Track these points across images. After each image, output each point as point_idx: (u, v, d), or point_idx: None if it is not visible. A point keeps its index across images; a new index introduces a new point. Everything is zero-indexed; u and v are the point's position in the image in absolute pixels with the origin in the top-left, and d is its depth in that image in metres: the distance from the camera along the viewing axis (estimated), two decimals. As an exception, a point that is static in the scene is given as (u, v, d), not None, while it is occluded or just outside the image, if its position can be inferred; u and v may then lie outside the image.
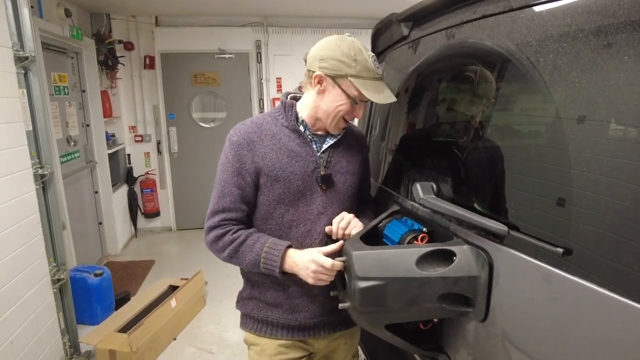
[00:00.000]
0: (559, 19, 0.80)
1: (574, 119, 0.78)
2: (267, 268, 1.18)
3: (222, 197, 1.21)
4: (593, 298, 0.71)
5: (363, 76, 1.14)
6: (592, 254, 0.73)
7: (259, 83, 5.11)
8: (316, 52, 1.18)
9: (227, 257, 1.22)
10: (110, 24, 4.57)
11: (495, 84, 1.02)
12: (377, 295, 1.00)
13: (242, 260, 1.20)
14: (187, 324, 3.12)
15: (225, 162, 1.22)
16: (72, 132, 3.81)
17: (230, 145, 1.22)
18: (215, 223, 1.22)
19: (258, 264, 1.18)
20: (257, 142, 1.21)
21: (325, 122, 1.23)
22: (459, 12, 1.11)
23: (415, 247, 1.05)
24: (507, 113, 1.01)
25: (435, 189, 1.15)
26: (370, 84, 1.15)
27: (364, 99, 1.17)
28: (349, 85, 1.15)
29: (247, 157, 1.20)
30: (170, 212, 5.25)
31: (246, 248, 1.19)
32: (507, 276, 0.90)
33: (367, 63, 1.15)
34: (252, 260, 1.19)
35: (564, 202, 0.80)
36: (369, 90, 1.14)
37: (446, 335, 1.14)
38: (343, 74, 1.14)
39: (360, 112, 1.21)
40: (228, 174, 1.21)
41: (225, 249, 1.21)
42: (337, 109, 1.19)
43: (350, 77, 1.14)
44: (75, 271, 3.04)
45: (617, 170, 0.70)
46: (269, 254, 1.17)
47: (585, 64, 0.75)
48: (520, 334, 0.88)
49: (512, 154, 0.97)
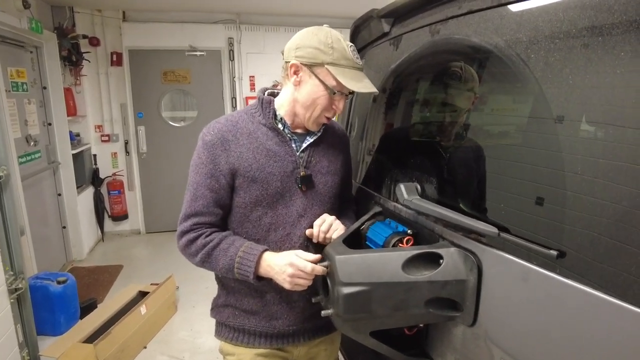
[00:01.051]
0: (552, 14, 0.78)
1: (570, 119, 0.76)
2: (241, 273, 1.11)
3: (195, 201, 1.15)
4: (587, 300, 0.69)
5: (341, 64, 1.08)
6: (585, 257, 0.71)
7: (231, 81, 4.99)
8: (292, 42, 1.13)
9: (200, 261, 1.15)
10: (73, 17, 4.35)
11: (483, 82, 0.99)
12: (361, 302, 0.95)
13: (215, 265, 1.14)
14: (158, 332, 3.00)
15: (198, 163, 1.16)
16: (32, 131, 3.59)
17: (204, 146, 1.15)
18: (188, 227, 1.15)
19: (232, 269, 1.12)
20: (232, 142, 1.14)
21: (303, 118, 1.16)
22: (444, 7, 1.08)
23: (400, 250, 1.01)
24: (497, 111, 0.99)
25: (419, 190, 1.11)
26: (349, 72, 1.09)
27: (342, 89, 1.10)
28: (326, 74, 1.09)
29: (221, 157, 1.13)
30: (139, 214, 5.06)
31: (219, 252, 1.13)
32: (497, 279, 0.88)
33: (345, 51, 1.09)
34: (225, 265, 1.12)
35: (559, 205, 0.78)
36: (347, 78, 1.08)
37: (432, 340, 1.11)
38: (319, 61, 1.08)
39: (340, 105, 1.14)
40: (201, 175, 1.15)
41: (197, 254, 1.14)
42: (315, 101, 1.12)
43: (327, 65, 1.08)
44: (36, 279, 2.86)
45: (610, 172, 0.68)
46: (243, 259, 1.11)
47: (580, 61, 0.72)
48: (510, 339, 0.86)
49: (500, 154, 0.95)
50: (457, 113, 1.11)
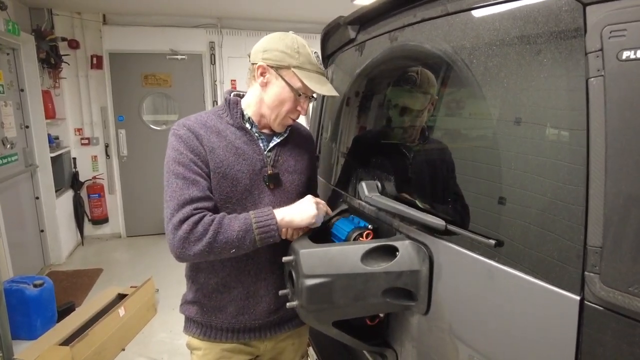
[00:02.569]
0: (490, 24, 0.85)
1: (506, 119, 0.83)
2: (261, 226, 1.08)
3: (187, 188, 1.10)
4: (521, 285, 0.75)
5: (306, 68, 1.15)
6: (519, 245, 0.78)
7: (212, 85, 5.02)
8: (260, 45, 1.19)
9: (211, 238, 1.06)
10: (52, 19, 4.33)
11: (435, 86, 1.06)
12: (324, 292, 1.00)
13: (230, 233, 1.07)
14: (137, 334, 2.99)
15: (176, 155, 1.13)
16: (9, 133, 3.56)
17: (178, 139, 1.14)
18: (188, 212, 1.07)
19: (250, 228, 1.08)
20: (204, 137, 1.16)
21: (270, 118, 1.21)
22: (401, 15, 1.14)
23: (360, 243, 1.07)
24: (446, 114, 1.06)
25: (380, 187, 1.17)
26: (314, 76, 1.16)
27: (307, 91, 1.16)
28: (292, 76, 1.15)
29: (199, 148, 1.14)
30: (119, 218, 5.03)
31: (230, 220, 1.09)
32: (446, 269, 0.94)
33: (310, 57, 1.16)
34: (242, 227, 1.08)
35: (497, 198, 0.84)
36: (312, 81, 1.14)
37: (392, 331, 1.17)
38: (286, 64, 1.14)
39: (304, 106, 1.20)
40: (184, 165, 1.11)
41: (206, 232, 1.06)
42: (281, 103, 1.17)
43: (293, 68, 1.14)
44: (12, 282, 2.83)
45: (541, 169, 0.75)
46: (258, 214, 1.11)
47: (513, 66, 0.79)
48: (460, 325, 0.92)
49: (450, 153, 1.02)
50: (415, 116, 1.17)
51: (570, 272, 0.67)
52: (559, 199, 0.71)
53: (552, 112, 0.73)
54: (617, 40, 0.60)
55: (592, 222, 0.64)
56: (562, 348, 0.69)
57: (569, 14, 0.68)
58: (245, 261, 1.22)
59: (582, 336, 0.66)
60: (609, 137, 0.62)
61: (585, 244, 0.65)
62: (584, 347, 0.66)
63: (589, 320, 0.65)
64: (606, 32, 0.61)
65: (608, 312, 0.62)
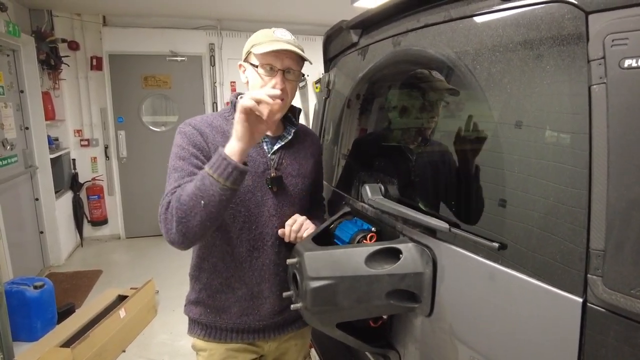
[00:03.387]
0: (494, 30, 0.86)
1: (509, 124, 0.85)
2: (214, 164, 1.00)
3: (181, 178, 1.10)
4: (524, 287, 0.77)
5: (260, 42, 1.15)
6: (522, 248, 0.79)
7: (212, 86, 5.03)
8: None
9: (176, 206, 1.02)
10: (52, 21, 4.33)
11: (437, 91, 1.07)
12: (328, 294, 1.01)
13: (188, 188, 1.02)
14: (138, 335, 2.99)
15: (178, 150, 1.15)
16: (9, 135, 3.56)
17: (182, 136, 1.17)
18: (170, 194, 1.07)
19: (205, 174, 1.00)
20: (209, 135, 1.19)
21: None
22: (404, 20, 1.16)
23: (363, 246, 1.08)
24: (448, 118, 1.07)
25: (382, 190, 1.19)
26: (266, 44, 1.13)
27: (264, 60, 1.14)
28: (253, 57, 1.18)
29: (202, 144, 1.16)
30: (118, 219, 5.02)
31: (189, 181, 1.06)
32: (450, 271, 0.95)
33: (266, 33, 1.18)
34: (197, 179, 1.02)
35: (501, 201, 0.86)
36: (263, 47, 1.11)
37: (395, 332, 1.18)
38: (248, 50, 1.19)
39: (278, 83, 1.13)
40: (184, 159, 1.14)
41: (170, 204, 1.04)
42: (255, 87, 1.18)
43: (251, 50, 1.17)
44: (12, 284, 2.83)
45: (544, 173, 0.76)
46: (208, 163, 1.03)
47: (516, 72, 0.81)
48: (463, 326, 0.93)
49: (453, 156, 1.03)
50: (416, 119, 1.19)
51: (573, 275, 0.69)
52: (561, 203, 0.72)
53: (555, 117, 0.75)
54: (619, 48, 0.61)
55: (594, 225, 0.65)
56: (565, 350, 0.70)
57: (571, 22, 0.70)
58: (249, 262, 1.23)
59: (584, 338, 0.67)
60: (611, 142, 0.63)
61: (588, 247, 0.66)
62: (586, 349, 0.67)
63: (591, 322, 0.66)
64: (608, 40, 0.63)
65: (610, 314, 0.64)
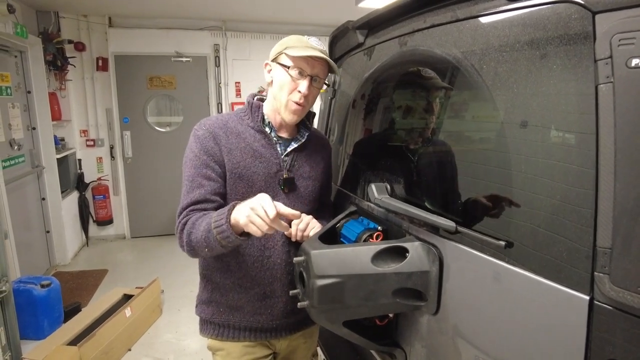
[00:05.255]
0: (500, 30, 0.87)
1: (516, 123, 0.85)
2: (217, 226, 1.04)
3: (191, 192, 1.17)
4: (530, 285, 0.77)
5: (295, 46, 1.18)
6: (528, 246, 0.80)
7: (217, 87, 5.05)
8: None
9: (187, 240, 1.11)
10: (59, 22, 4.36)
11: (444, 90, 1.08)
12: (334, 293, 1.02)
13: (198, 234, 1.09)
14: (143, 334, 3.01)
15: (191, 157, 1.19)
16: (16, 135, 3.59)
17: (196, 140, 1.20)
18: (185, 215, 1.15)
19: (209, 228, 1.06)
20: (223, 137, 1.20)
21: (280, 110, 1.22)
22: (410, 20, 1.16)
23: (370, 244, 1.09)
24: (455, 118, 1.08)
25: (389, 189, 1.19)
26: (301, 49, 1.16)
27: (297, 64, 1.17)
28: (284, 58, 1.19)
29: (214, 149, 1.19)
30: (124, 219, 5.05)
31: (200, 220, 1.11)
32: (456, 270, 0.96)
33: (300, 39, 1.20)
34: (205, 228, 1.07)
35: (507, 200, 0.86)
36: (298, 51, 1.15)
37: (401, 330, 1.19)
38: (280, 51, 1.20)
39: (303, 87, 1.17)
40: (196, 167, 1.18)
41: (186, 234, 1.12)
42: (281, 87, 1.19)
43: (284, 51, 1.18)
44: (19, 283, 2.85)
45: (548, 171, 0.77)
46: (217, 214, 1.08)
47: (523, 72, 0.81)
48: (469, 325, 0.94)
49: (460, 156, 1.04)
50: (422, 119, 1.19)
51: (579, 273, 0.69)
52: (568, 202, 0.73)
53: (562, 116, 0.75)
54: (627, 48, 0.62)
55: (601, 223, 0.66)
56: (571, 347, 0.70)
57: (578, 22, 0.70)
58: (261, 262, 1.24)
59: (591, 335, 0.67)
60: (618, 141, 0.64)
61: (595, 245, 0.67)
62: (593, 347, 0.68)
63: (598, 320, 0.67)
64: (615, 40, 0.63)
65: (617, 312, 0.64)
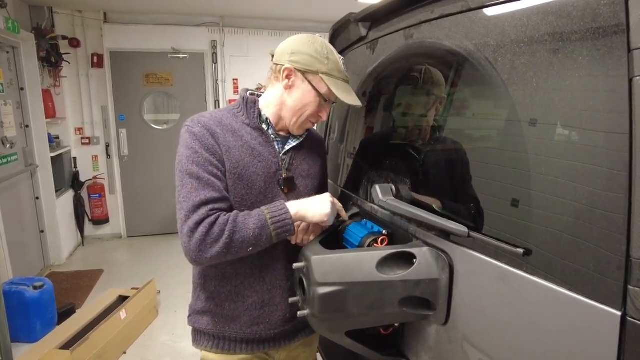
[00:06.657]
0: (518, 20, 0.80)
1: (534, 121, 0.79)
2: (277, 221, 1.06)
3: (202, 189, 1.05)
4: (552, 297, 0.71)
5: (334, 75, 1.12)
6: (550, 255, 0.73)
7: (214, 84, 4.98)
8: (287, 46, 1.13)
9: (227, 240, 1.02)
10: (52, 18, 4.29)
11: (454, 85, 1.01)
12: (337, 301, 0.96)
13: (246, 232, 1.03)
14: (139, 336, 2.95)
15: (190, 154, 1.08)
16: (9, 133, 3.52)
17: (193, 137, 1.10)
18: (204, 214, 1.03)
19: (265, 224, 1.05)
20: (220, 135, 1.12)
21: (289, 121, 1.17)
22: (417, 12, 1.10)
23: (375, 250, 1.02)
24: (466, 114, 1.01)
25: (394, 191, 1.13)
26: (341, 84, 1.13)
27: (332, 97, 1.13)
28: (319, 82, 1.11)
29: (215, 147, 1.10)
30: (120, 218, 4.98)
31: (244, 218, 1.05)
32: (468, 278, 0.89)
33: (338, 64, 1.13)
34: (257, 224, 1.04)
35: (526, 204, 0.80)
36: (340, 90, 1.11)
37: (407, 340, 1.13)
38: (315, 69, 1.10)
39: (325, 113, 1.17)
40: (199, 165, 1.07)
41: (222, 235, 1.02)
42: (304, 107, 1.13)
43: (321, 74, 1.10)
44: (11, 284, 2.79)
45: (572, 173, 0.70)
46: (271, 208, 1.07)
47: (544, 65, 0.75)
48: (482, 336, 0.88)
49: (472, 156, 0.97)
50: (430, 116, 1.13)
51: (610, 285, 0.63)
52: (596, 207, 0.66)
53: (589, 113, 0.68)
54: (667, 36, 0.55)
55: (636, 232, 0.59)
56: (599, 366, 0.64)
57: (608, 9, 0.64)
58: (260, 269, 1.17)
59: (624, 355, 0.61)
60: (654, 141, 0.57)
61: (629, 256, 0.60)
62: (625, 367, 0.61)
63: (632, 338, 0.60)
64: (654, 27, 0.57)
65: (654, 330, 0.58)
